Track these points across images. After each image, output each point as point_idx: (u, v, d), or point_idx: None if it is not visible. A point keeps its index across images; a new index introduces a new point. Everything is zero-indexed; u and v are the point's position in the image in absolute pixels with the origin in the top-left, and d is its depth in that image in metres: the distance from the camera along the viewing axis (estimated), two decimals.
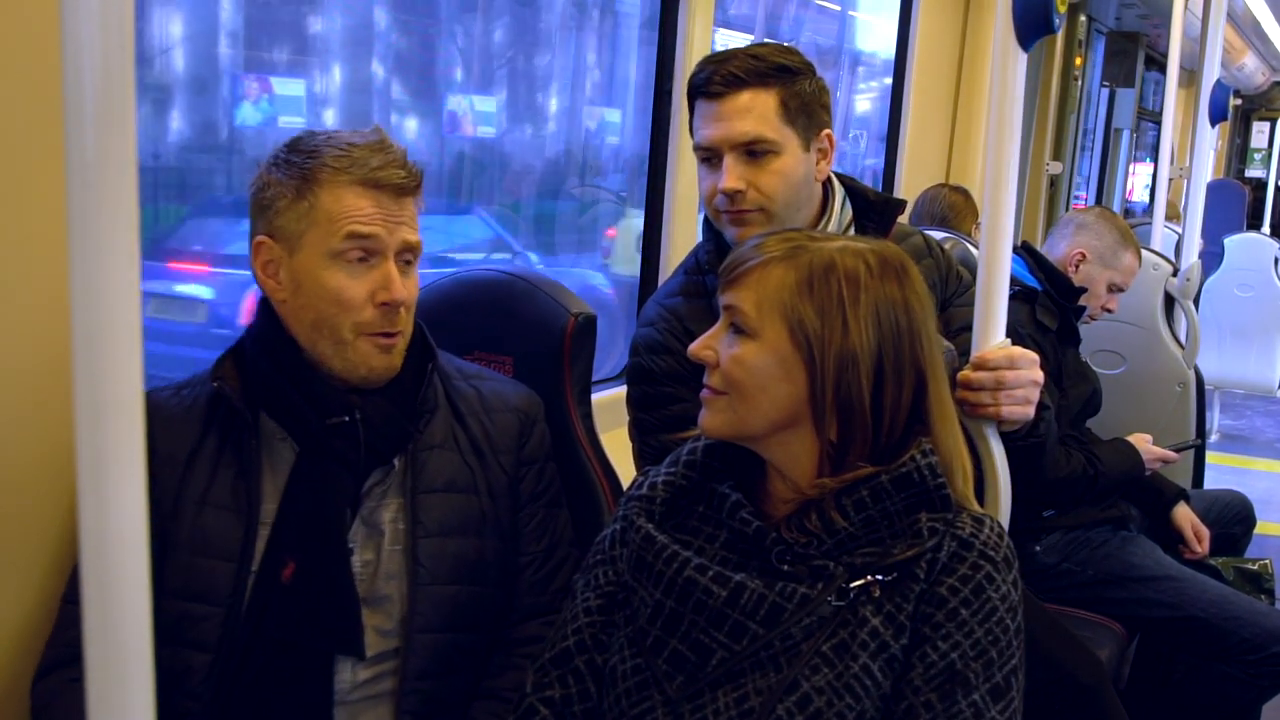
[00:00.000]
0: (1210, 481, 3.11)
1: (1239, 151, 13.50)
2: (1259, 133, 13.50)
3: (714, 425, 1.16)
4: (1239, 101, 11.84)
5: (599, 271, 4.37)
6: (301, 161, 1.26)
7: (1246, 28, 8.05)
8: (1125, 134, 8.30)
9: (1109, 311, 2.60)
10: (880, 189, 2.86)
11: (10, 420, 1.26)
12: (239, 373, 1.31)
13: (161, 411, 1.30)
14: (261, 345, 1.31)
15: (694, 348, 1.18)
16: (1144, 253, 3.05)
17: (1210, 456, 3.27)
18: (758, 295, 1.12)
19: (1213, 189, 7.70)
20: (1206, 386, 3.05)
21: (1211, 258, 5.93)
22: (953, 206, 3.20)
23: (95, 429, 0.66)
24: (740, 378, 1.12)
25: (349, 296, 1.25)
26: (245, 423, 1.29)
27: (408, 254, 1.30)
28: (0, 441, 1.26)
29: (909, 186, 3.70)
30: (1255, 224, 10.23)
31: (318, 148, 1.26)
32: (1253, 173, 13.36)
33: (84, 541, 0.68)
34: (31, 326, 1.26)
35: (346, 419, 1.28)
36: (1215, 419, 6.00)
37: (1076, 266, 2.53)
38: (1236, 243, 6.15)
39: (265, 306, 1.32)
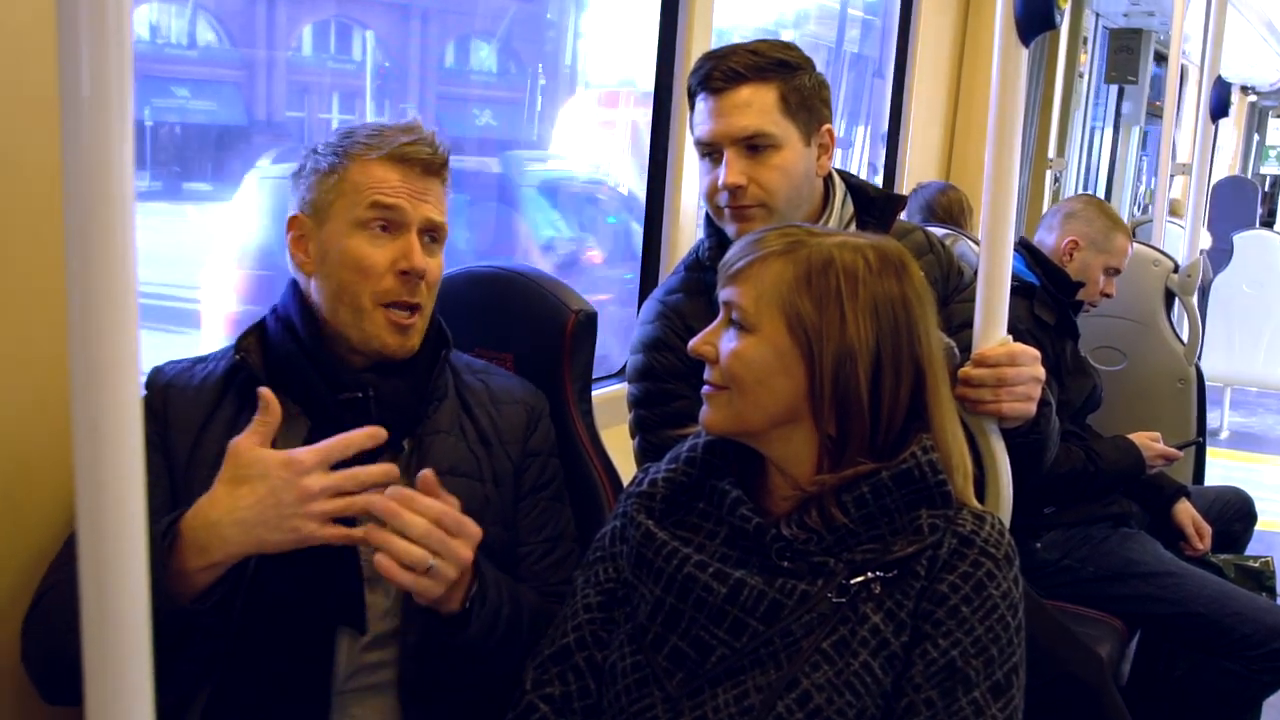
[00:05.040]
0: (1222, 478, 3.10)
1: (1256, 149, 13.47)
2: (1275, 130, 13.48)
3: (714, 420, 1.16)
4: (1254, 98, 11.81)
5: None
6: (337, 143, 1.31)
7: (1262, 25, 8.03)
8: (1134, 130, 8.28)
9: (1108, 296, 2.60)
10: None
11: (13, 385, 1.26)
12: (261, 346, 1.34)
13: (176, 383, 1.33)
14: (283, 322, 1.33)
15: (694, 344, 1.18)
16: (1144, 249, 3.05)
17: (1221, 453, 3.27)
18: (756, 290, 1.12)
19: (1224, 186, 7.67)
20: (1217, 384, 3.05)
21: (1221, 254, 5.92)
22: (949, 210, 3.19)
23: (92, 424, 0.66)
24: (740, 372, 1.12)
25: (370, 263, 1.28)
26: None
27: (432, 232, 1.32)
28: (3, 406, 1.26)
29: (910, 183, 3.69)
30: (1271, 221, 10.17)
31: (354, 131, 1.32)
32: (1268, 170, 13.36)
33: (81, 537, 0.67)
34: (33, 309, 1.27)
35: (359, 395, 1.29)
36: (1226, 416, 5.99)
37: (1071, 255, 2.53)
38: (1246, 239, 6.14)
39: (293, 287, 1.35)
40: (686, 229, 2.59)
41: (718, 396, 1.15)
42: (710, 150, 1.54)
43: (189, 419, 1.30)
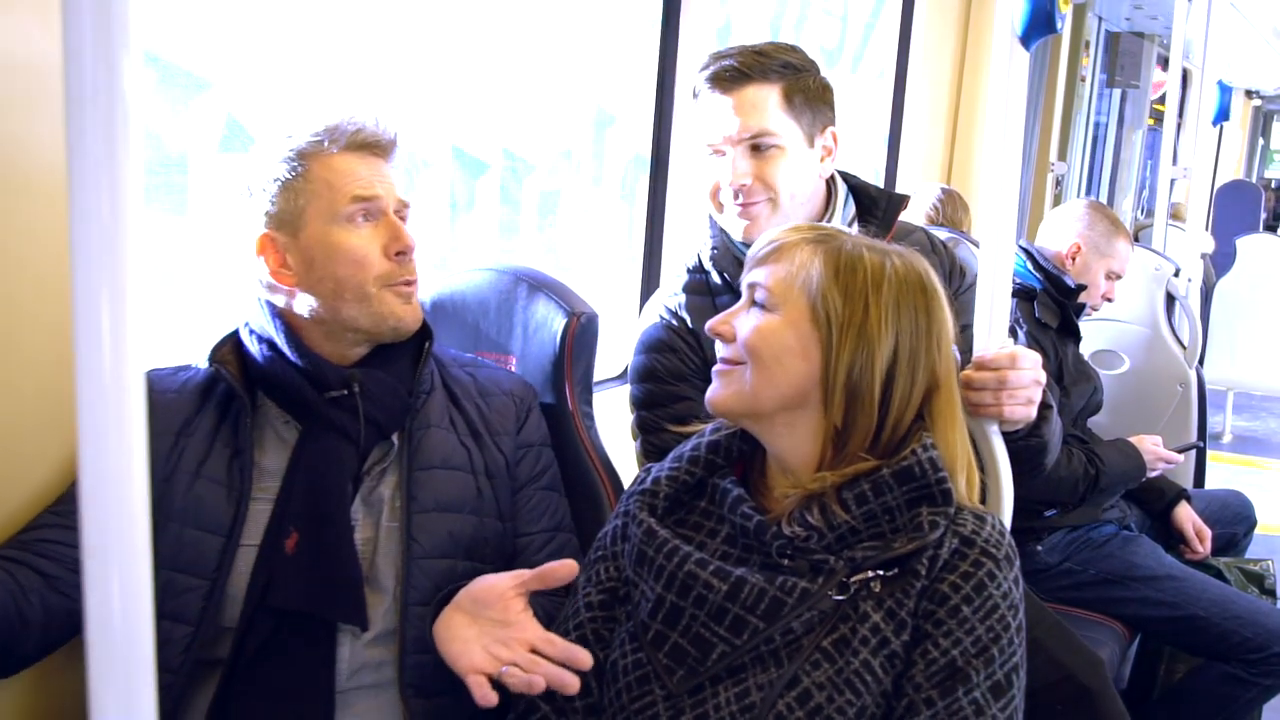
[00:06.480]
0: (1224, 482, 3.10)
1: (1261, 153, 13.45)
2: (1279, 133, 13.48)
3: (723, 397, 1.16)
4: (1259, 102, 11.79)
5: None
6: (284, 149, 1.29)
7: (1267, 29, 8.03)
8: (1138, 133, 8.28)
9: (1109, 300, 2.61)
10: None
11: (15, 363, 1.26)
12: (238, 356, 1.33)
13: (156, 387, 1.32)
14: (259, 336, 1.33)
15: (713, 323, 1.19)
16: (1146, 253, 3.06)
17: (1224, 458, 3.26)
18: (786, 272, 1.14)
19: (1228, 190, 7.65)
20: (1220, 388, 3.06)
21: (1225, 258, 5.91)
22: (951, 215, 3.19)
23: (97, 416, 0.66)
24: (758, 347, 1.13)
25: (365, 253, 1.29)
26: (242, 403, 1.30)
27: (403, 211, 1.34)
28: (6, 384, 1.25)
29: (909, 186, 3.69)
30: (1275, 225, 10.12)
31: (293, 134, 1.31)
32: (1272, 173, 13.34)
33: (85, 526, 0.68)
34: (40, 299, 1.27)
35: (345, 392, 1.30)
36: (1229, 420, 5.98)
37: (1073, 259, 2.54)
38: (1249, 243, 6.13)
39: (265, 307, 1.34)
40: (686, 230, 2.59)
41: (730, 372, 1.16)
42: (715, 150, 1.54)
43: (168, 425, 1.30)
